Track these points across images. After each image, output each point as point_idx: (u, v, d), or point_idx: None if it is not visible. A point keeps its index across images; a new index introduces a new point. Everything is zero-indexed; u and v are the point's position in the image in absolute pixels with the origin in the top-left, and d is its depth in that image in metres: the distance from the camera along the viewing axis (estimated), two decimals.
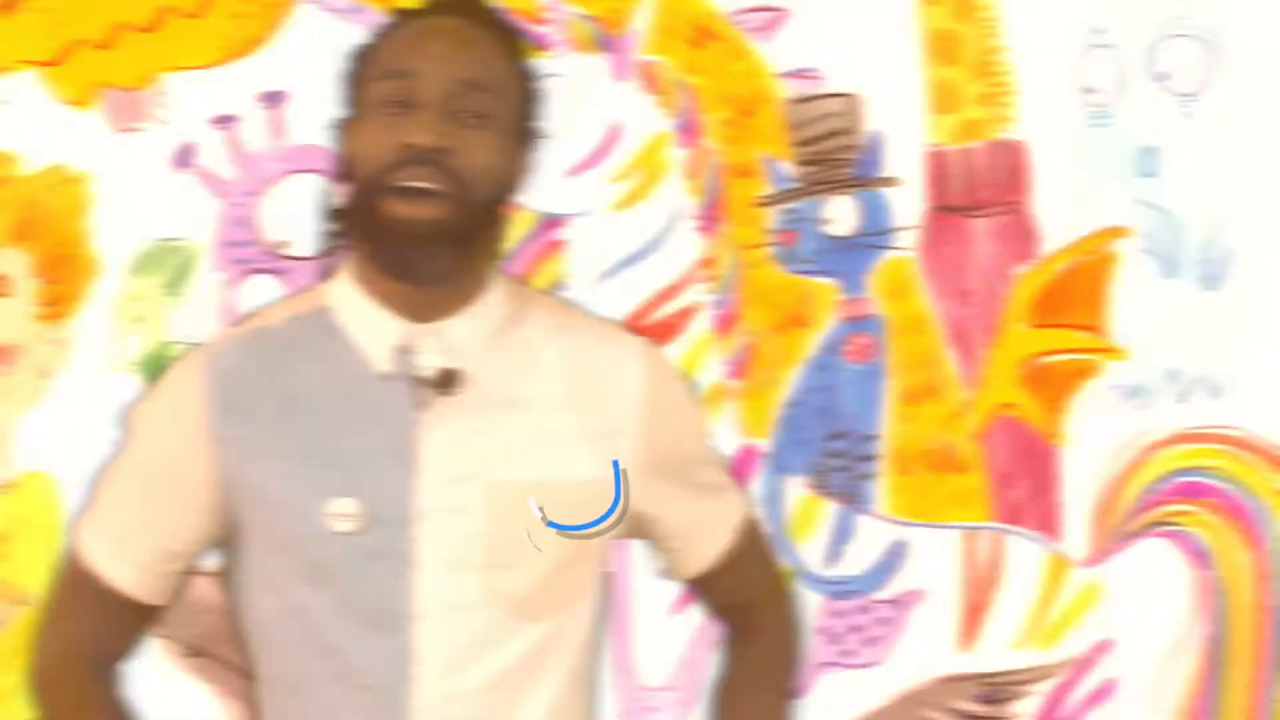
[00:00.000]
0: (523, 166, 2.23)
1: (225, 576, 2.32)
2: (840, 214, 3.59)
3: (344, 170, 2.19)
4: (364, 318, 2.19)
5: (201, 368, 2.21)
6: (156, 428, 2.24)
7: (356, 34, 3.59)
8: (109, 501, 2.27)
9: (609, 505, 2.23)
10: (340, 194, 2.21)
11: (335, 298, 2.23)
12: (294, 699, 2.20)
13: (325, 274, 2.28)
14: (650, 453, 2.28)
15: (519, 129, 2.21)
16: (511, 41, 2.25)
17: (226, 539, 2.24)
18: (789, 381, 3.61)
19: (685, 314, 3.62)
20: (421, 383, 2.17)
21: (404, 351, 2.17)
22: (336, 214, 2.25)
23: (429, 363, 2.17)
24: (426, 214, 2.08)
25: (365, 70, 2.21)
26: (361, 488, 2.15)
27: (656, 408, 2.29)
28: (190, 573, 2.28)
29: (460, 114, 2.12)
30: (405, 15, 2.25)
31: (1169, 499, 3.58)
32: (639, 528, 2.35)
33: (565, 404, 2.23)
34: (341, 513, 2.14)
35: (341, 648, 2.16)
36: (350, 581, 2.15)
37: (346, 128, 2.21)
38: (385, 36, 2.23)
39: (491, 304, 2.22)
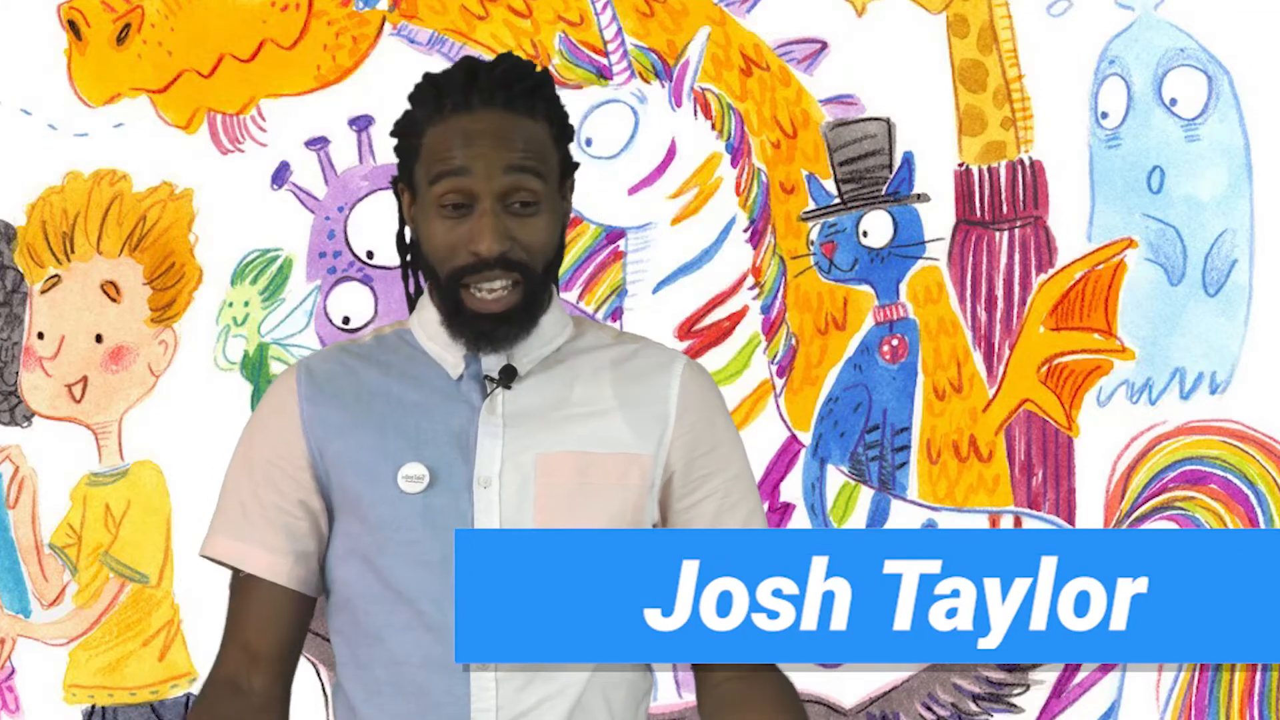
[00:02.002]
0: (566, 209, 2.38)
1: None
2: (876, 227, 3.68)
3: (419, 252, 2.34)
4: (441, 335, 2.35)
5: (297, 370, 2.40)
6: (263, 421, 2.40)
7: (435, 64, 3.78)
8: (235, 499, 2.38)
9: (647, 475, 2.33)
10: (416, 266, 2.37)
11: (415, 322, 2.40)
12: (371, 649, 2.31)
13: (409, 302, 2.43)
14: (683, 447, 2.37)
15: (561, 180, 2.36)
16: (542, 101, 2.34)
17: (328, 522, 2.36)
18: (829, 379, 3.70)
19: (735, 318, 3.73)
20: (486, 379, 2.33)
21: (472, 358, 2.33)
22: (412, 269, 2.41)
23: (492, 365, 2.33)
24: (498, 305, 2.29)
25: (418, 155, 2.32)
26: (428, 457, 2.31)
27: (692, 408, 2.38)
28: (321, 564, 2.37)
29: (512, 206, 2.29)
30: (444, 105, 2.32)
31: (1174, 486, 3.61)
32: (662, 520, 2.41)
33: (611, 396, 2.37)
34: (411, 475, 2.30)
35: (411, 596, 2.29)
36: (418, 537, 2.29)
37: (411, 209, 2.35)
38: (431, 127, 2.32)
39: (551, 319, 2.38)
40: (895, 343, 3.68)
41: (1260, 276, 3.60)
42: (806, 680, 3.67)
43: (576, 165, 2.41)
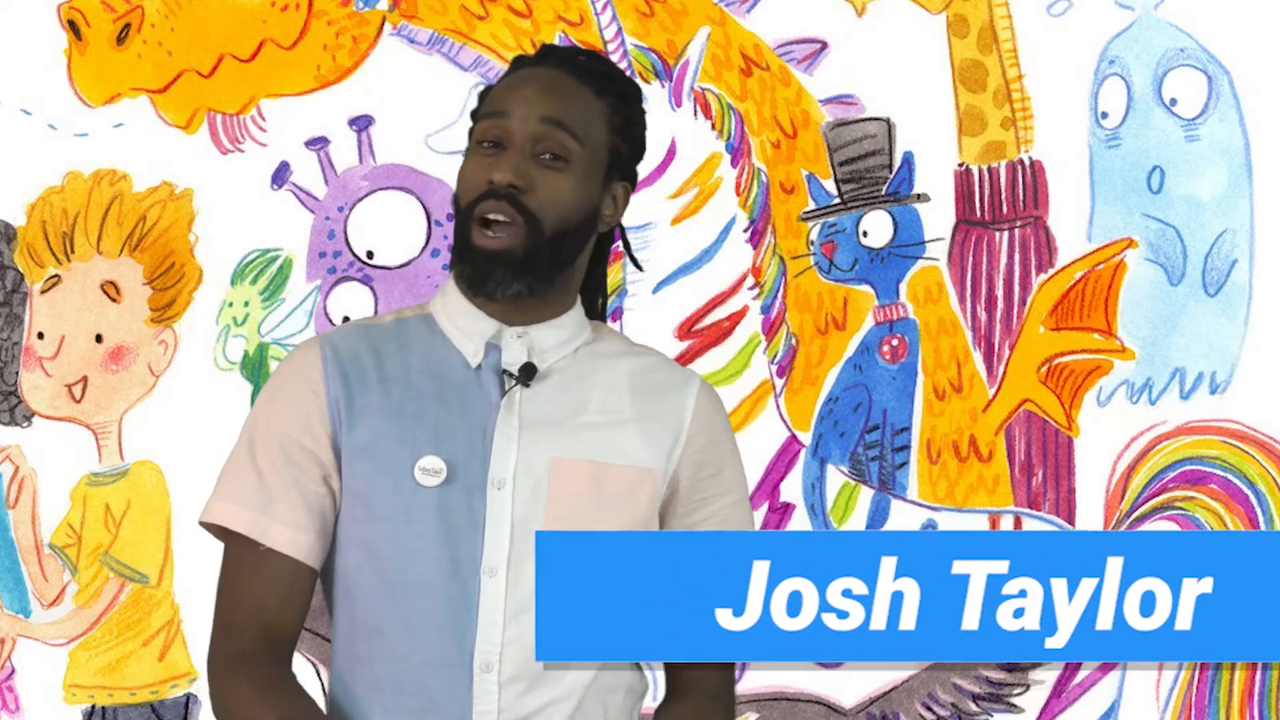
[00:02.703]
0: (605, 201, 2.35)
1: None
2: (876, 227, 3.69)
3: (456, 197, 2.34)
4: (462, 318, 2.34)
5: (319, 343, 2.35)
6: (285, 393, 2.33)
7: (435, 64, 3.81)
8: (250, 467, 2.31)
9: (657, 491, 2.34)
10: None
11: (438, 305, 2.38)
12: (369, 644, 2.28)
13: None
14: (690, 466, 2.38)
15: (606, 169, 2.33)
16: (612, 90, 2.34)
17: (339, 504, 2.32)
18: (829, 379, 3.70)
19: (735, 318, 3.73)
20: (505, 374, 2.31)
21: (492, 347, 2.32)
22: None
23: (513, 358, 2.31)
24: (496, 243, 2.26)
25: (478, 110, 2.36)
26: (446, 450, 2.28)
27: (704, 430, 2.39)
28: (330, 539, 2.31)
29: (541, 155, 2.27)
30: (519, 64, 2.38)
31: (1174, 486, 3.62)
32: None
33: (628, 408, 2.36)
34: (429, 468, 2.27)
35: (416, 593, 2.26)
36: (429, 531, 2.26)
37: (464, 160, 2.35)
38: (500, 81, 2.37)
39: (573, 320, 2.37)
40: (895, 343, 3.68)
41: (1260, 276, 3.61)
42: (807, 680, 3.69)
43: (635, 176, 2.39)
